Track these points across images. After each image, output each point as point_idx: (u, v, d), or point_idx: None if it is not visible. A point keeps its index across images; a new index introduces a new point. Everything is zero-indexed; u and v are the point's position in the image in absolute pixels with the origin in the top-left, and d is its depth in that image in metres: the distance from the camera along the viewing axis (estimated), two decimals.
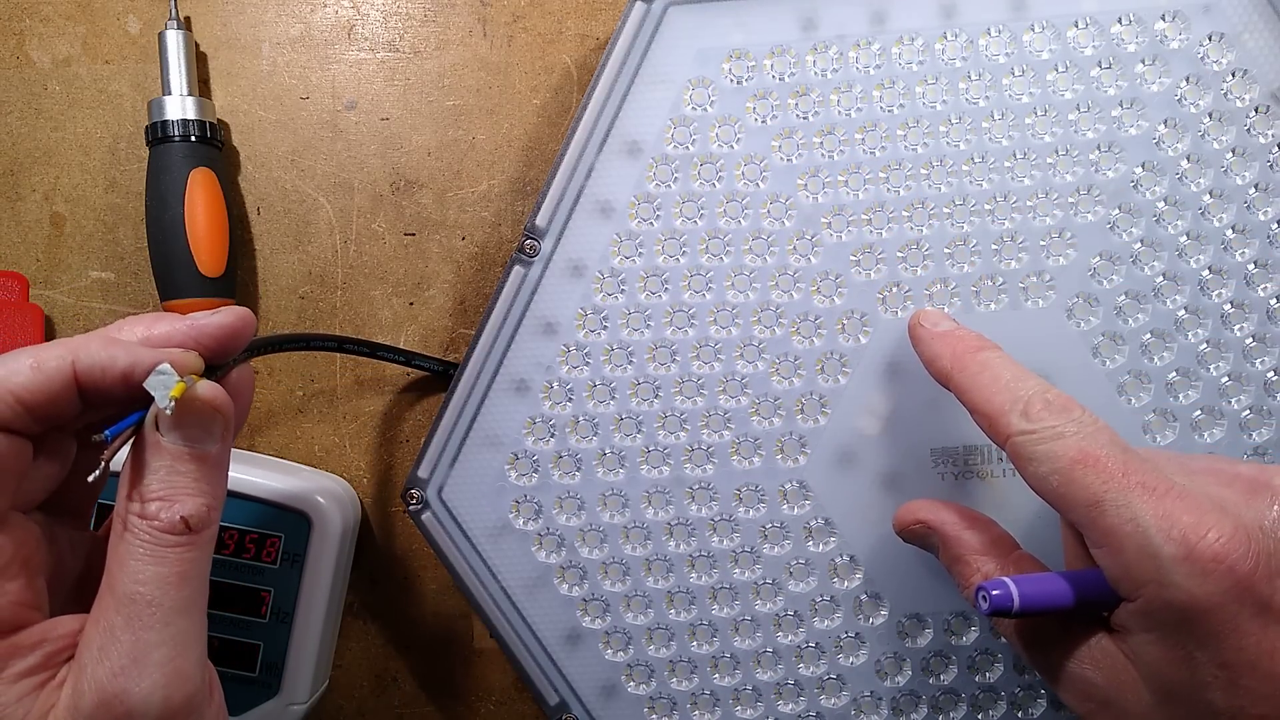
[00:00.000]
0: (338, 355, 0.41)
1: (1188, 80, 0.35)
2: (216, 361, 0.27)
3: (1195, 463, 0.28)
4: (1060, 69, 0.35)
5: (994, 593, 0.28)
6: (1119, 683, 0.27)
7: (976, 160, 0.36)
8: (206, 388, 0.25)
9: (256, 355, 0.30)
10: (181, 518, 0.24)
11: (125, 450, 0.25)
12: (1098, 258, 0.36)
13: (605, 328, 0.37)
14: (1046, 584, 0.28)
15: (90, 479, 0.23)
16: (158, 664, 0.23)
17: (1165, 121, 0.35)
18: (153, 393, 0.24)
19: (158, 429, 0.25)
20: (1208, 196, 0.35)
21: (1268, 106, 0.35)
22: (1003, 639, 0.37)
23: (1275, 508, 0.26)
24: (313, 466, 0.41)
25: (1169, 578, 0.24)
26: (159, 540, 0.24)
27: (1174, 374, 0.36)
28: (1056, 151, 0.36)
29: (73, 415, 0.25)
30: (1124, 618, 0.27)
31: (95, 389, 0.24)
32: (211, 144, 0.39)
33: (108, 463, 0.24)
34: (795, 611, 0.37)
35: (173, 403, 0.24)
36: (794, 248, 0.36)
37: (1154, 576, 0.25)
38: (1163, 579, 0.25)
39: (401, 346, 0.40)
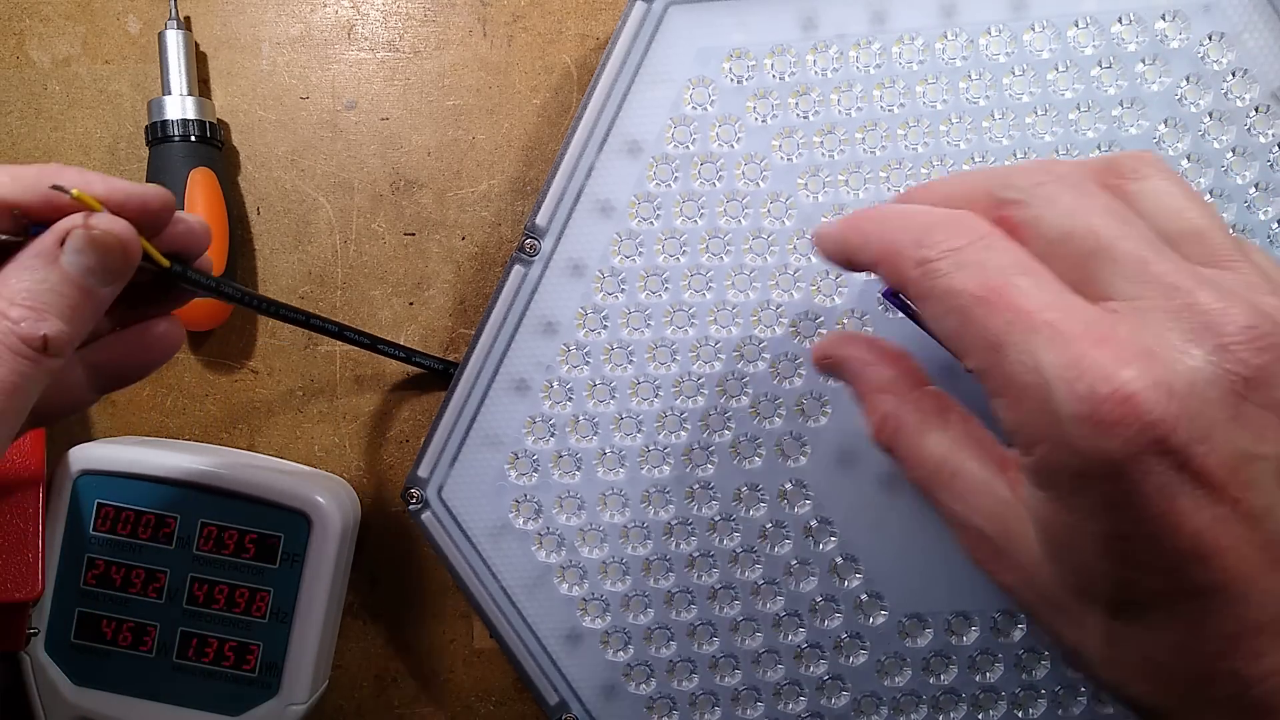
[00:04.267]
0: (338, 355, 0.41)
1: (1188, 80, 0.35)
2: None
3: (1160, 260, 0.22)
4: (1060, 68, 0.35)
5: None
6: (1010, 533, 0.23)
7: (977, 160, 0.36)
8: (115, 222, 0.25)
9: (259, 313, 0.30)
10: (44, 335, 0.24)
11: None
12: None
13: (605, 327, 0.37)
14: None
15: None
16: None
17: (1165, 121, 0.35)
18: (68, 190, 0.24)
19: (62, 245, 0.24)
20: (1208, 196, 0.35)
21: (1268, 106, 0.35)
22: (1001, 640, 0.37)
23: (1218, 353, 0.20)
24: (313, 466, 0.41)
25: (1066, 437, 0.20)
26: (11, 345, 0.23)
27: None
28: (1057, 151, 0.36)
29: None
30: (1019, 469, 0.23)
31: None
32: (211, 144, 0.39)
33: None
34: (795, 611, 0.37)
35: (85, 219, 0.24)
36: (794, 247, 0.36)
37: (1050, 434, 0.21)
38: (1059, 438, 0.21)
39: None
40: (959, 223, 0.23)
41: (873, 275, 0.33)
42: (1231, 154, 0.35)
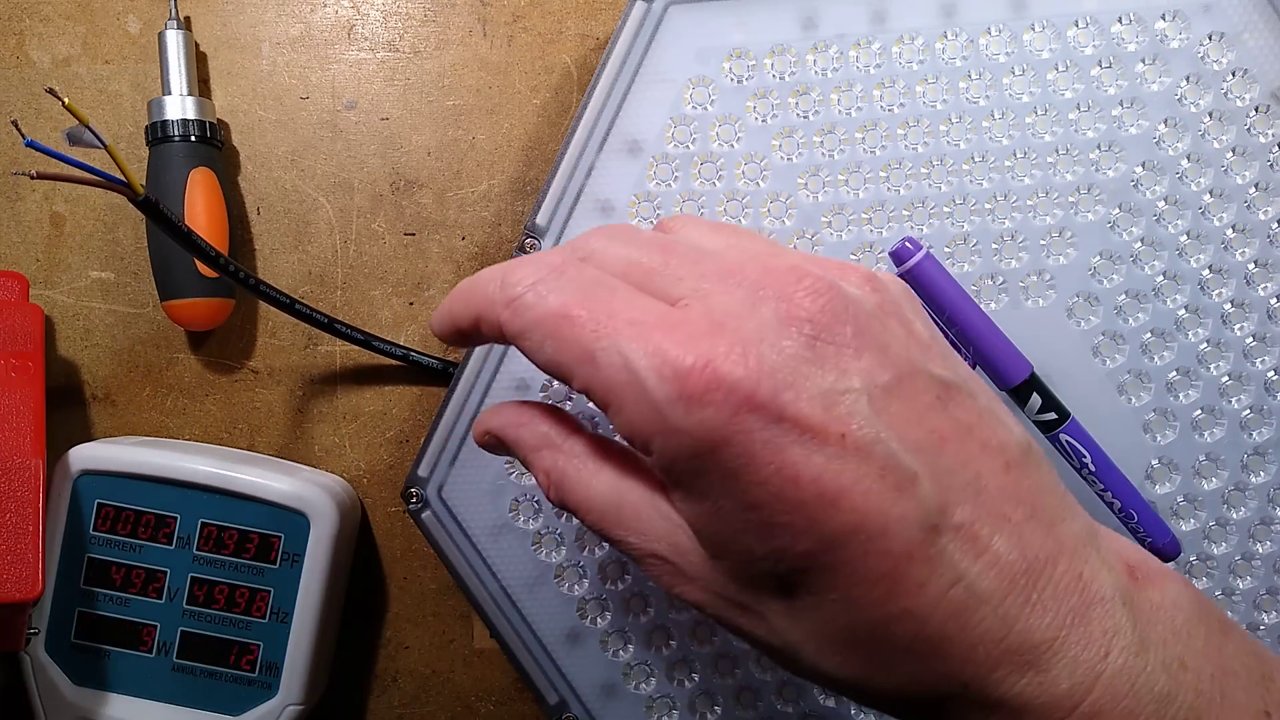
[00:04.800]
0: (338, 355, 0.41)
1: (1188, 80, 0.35)
2: None
3: (703, 264, 0.23)
4: (1060, 68, 0.36)
5: None
6: (680, 548, 0.23)
7: (977, 159, 0.36)
8: None
9: (260, 298, 0.30)
10: None
11: None
12: (1098, 257, 0.36)
13: None
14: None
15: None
16: None
17: (1165, 121, 0.35)
18: (62, 98, 0.27)
19: None
20: (1208, 196, 0.35)
21: (1268, 106, 0.35)
22: None
23: (777, 308, 0.22)
24: (313, 466, 0.41)
25: (669, 423, 0.21)
26: None
27: (1174, 373, 0.36)
28: (1057, 151, 0.36)
29: None
30: (659, 477, 0.23)
31: None
32: (211, 144, 0.39)
33: None
34: None
35: None
36: (794, 246, 0.36)
37: (657, 426, 0.21)
38: (665, 426, 0.21)
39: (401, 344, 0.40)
40: (535, 260, 0.24)
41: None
42: (1231, 154, 0.35)
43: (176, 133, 0.38)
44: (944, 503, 0.21)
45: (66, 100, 0.27)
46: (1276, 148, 0.35)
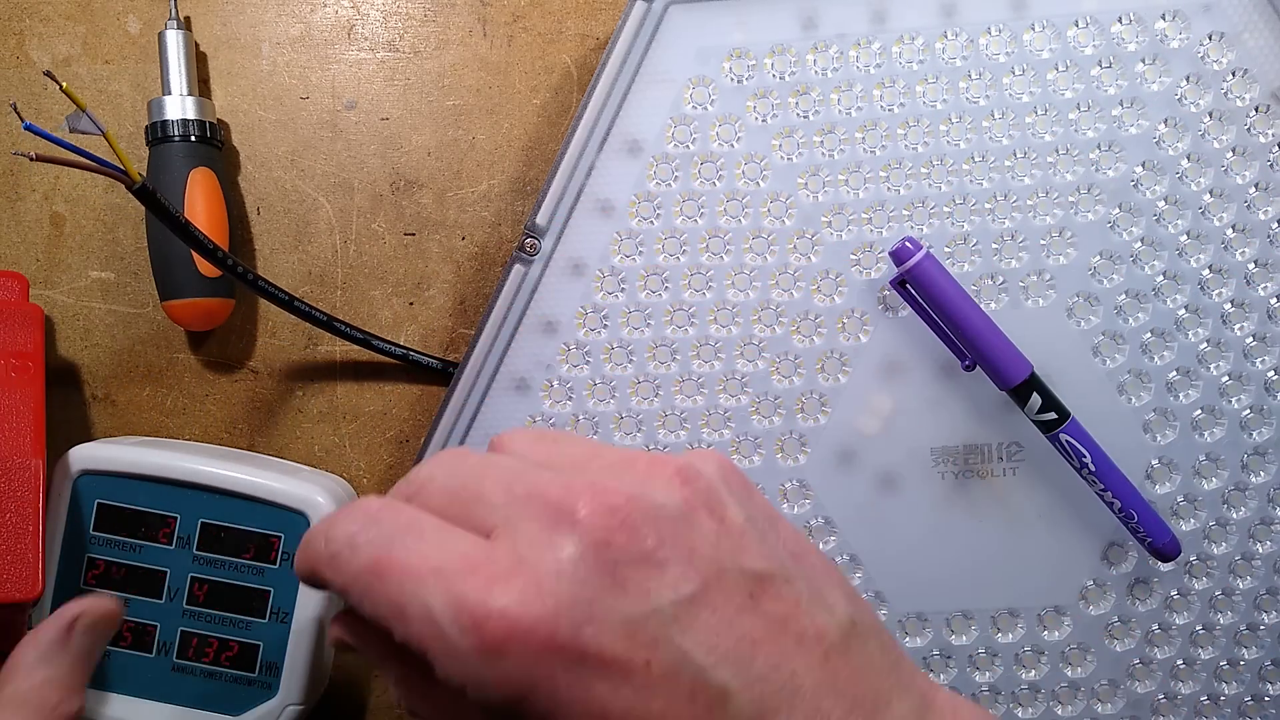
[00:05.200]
0: (338, 355, 0.41)
1: (1188, 79, 0.35)
2: None
3: (515, 484, 0.23)
4: (1060, 68, 0.36)
5: None
6: None
7: (977, 159, 0.36)
8: (105, 602, 0.31)
9: (256, 293, 0.31)
10: (76, 709, 0.30)
11: None
12: (1098, 257, 0.36)
13: (605, 326, 0.37)
14: None
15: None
16: None
17: (1165, 121, 0.35)
18: (60, 82, 0.29)
19: (71, 630, 0.30)
20: (1208, 195, 0.35)
21: (1268, 106, 0.35)
22: (1001, 639, 0.37)
23: (578, 534, 0.21)
24: (313, 466, 0.41)
25: (476, 675, 0.20)
26: None
27: (1174, 373, 0.36)
28: (1057, 150, 0.36)
29: None
30: None
31: None
32: (211, 144, 0.39)
33: None
34: None
35: None
36: (794, 246, 0.36)
37: (466, 676, 0.20)
38: (474, 678, 0.20)
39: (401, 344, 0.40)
40: (355, 508, 0.23)
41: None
42: (1231, 154, 0.35)
43: (176, 133, 0.38)
44: (759, 713, 0.20)
45: (65, 85, 0.27)
46: (1276, 148, 0.35)
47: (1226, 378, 0.36)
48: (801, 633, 0.21)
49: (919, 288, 0.34)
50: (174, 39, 0.39)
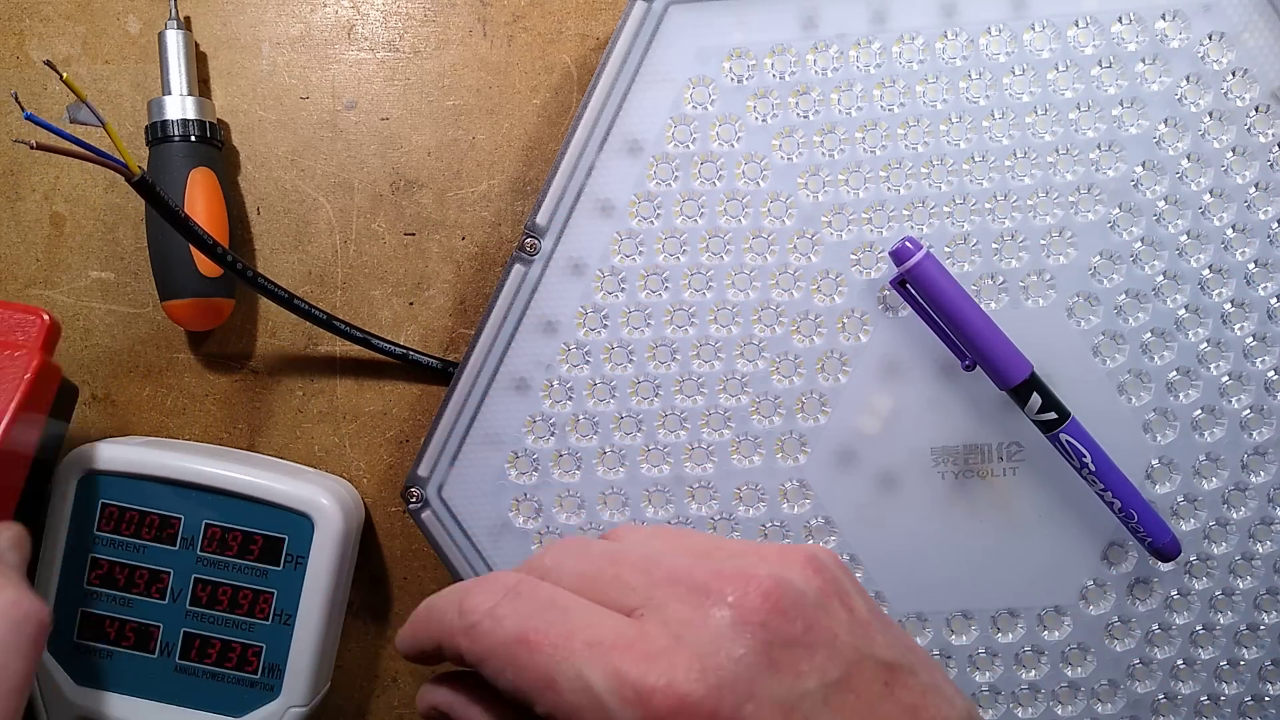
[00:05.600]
0: (338, 355, 0.41)
1: (1188, 79, 0.35)
2: None
3: (654, 571, 0.24)
4: (1060, 68, 0.35)
5: None
6: None
7: (977, 159, 0.36)
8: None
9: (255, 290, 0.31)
10: None
11: None
12: (1098, 257, 0.36)
13: (605, 326, 0.37)
14: None
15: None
16: None
17: (1165, 120, 0.35)
18: (60, 72, 0.29)
19: None
20: (1208, 195, 0.35)
21: (1268, 106, 0.35)
22: (1001, 639, 0.37)
23: (731, 614, 0.22)
24: (312, 466, 0.41)
25: None
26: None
27: (1174, 373, 0.36)
28: (1057, 150, 0.36)
29: None
30: None
31: None
32: (211, 144, 0.39)
33: None
34: None
35: None
36: (794, 246, 0.36)
37: None
38: None
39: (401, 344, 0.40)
40: (490, 581, 0.24)
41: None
42: (1231, 154, 0.35)
43: (176, 133, 0.38)
44: None
45: (65, 75, 0.27)
46: (1276, 148, 0.35)
47: (1226, 378, 0.36)
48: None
49: (919, 288, 0.34)
50: (174, 39, 0.39)
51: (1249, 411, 0.36)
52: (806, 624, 0.22)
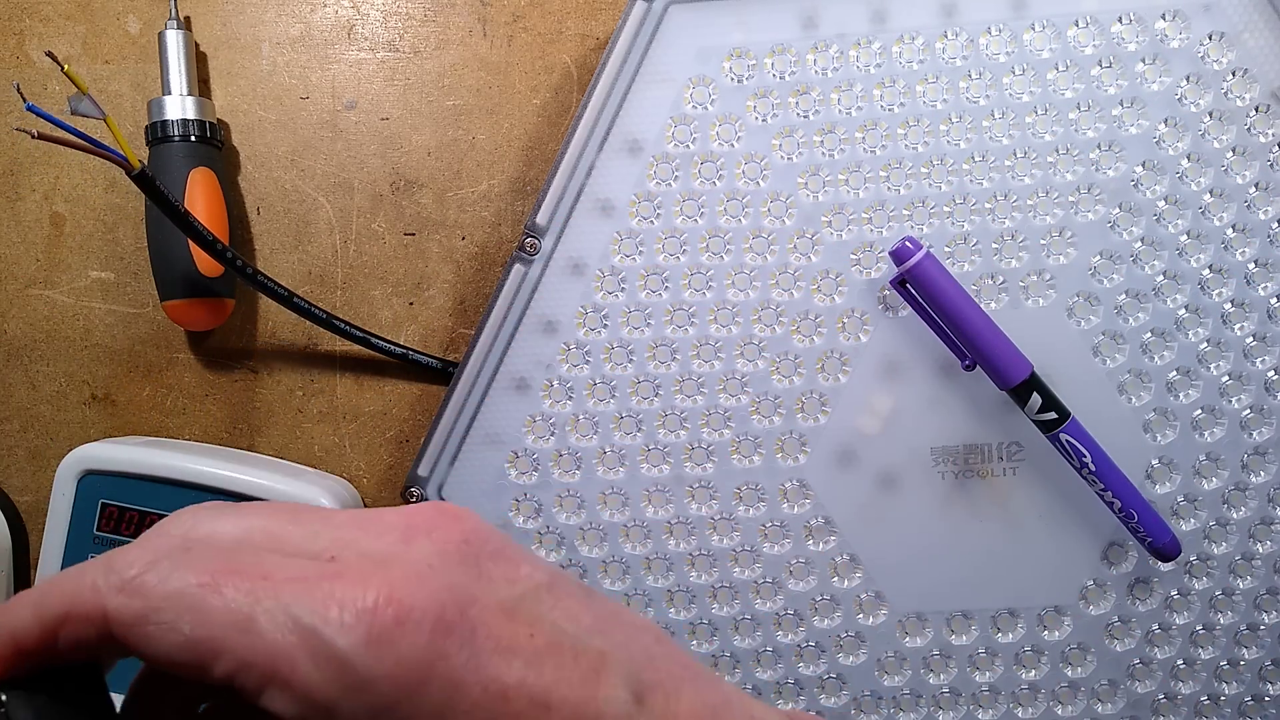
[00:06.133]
0: (338, 355, 0.41)
1: (1188, 79, 0.35)
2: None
3: (333, 519, 0.22)
4: (1060, 68, 0.35)
5: None
6: None
7: (977, 159, 0.36)
8: None
9: (254, 288, 0.31)
10: None
11: None
12: (1098, 256, 0.36)
13: (605, 326, 0.37)
14: None
15: None
16: None
17: (1165, 120, 0.35)
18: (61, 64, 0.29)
19: None
20: (1208, 195, 0.35)
21: (1268, 106, 0.35)
22: (1001, 639, 0.37)
23: (431, 539, 0.21)
24: (312, 466, 0.41)
25: (360, 673, 0.19)
26: None
27: (1174, 373, 0.36)
28: (1057, 150, 0.36)
29: None
30: None
31: None
32: (211, 144, 0.39)
33: None
34: (795, 610, 0.37)
35: None
36: (794, 246, 0.36)
37: (344, 682, 0.19)
38: (354, 679, 0.19)
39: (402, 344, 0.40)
40: (144, 542, 0.21)
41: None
42: (1231, 154, 0.35)
43: (176, 133, 0.38)
44: (634, 670, 0.21)
45: (66, 67, 0.27)
46: (1276, 148, 0.35)
47: (1226, 378, 0.36)
48: (633, 621, 0.23)
49: (919, 287, 0.34)
50: (174, 39, 0.39)
51: (1249, 411, 0.36)
52: (501, 541, 0.22)
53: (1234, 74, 0.35)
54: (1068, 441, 0.34)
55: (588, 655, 0.21)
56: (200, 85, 0.40)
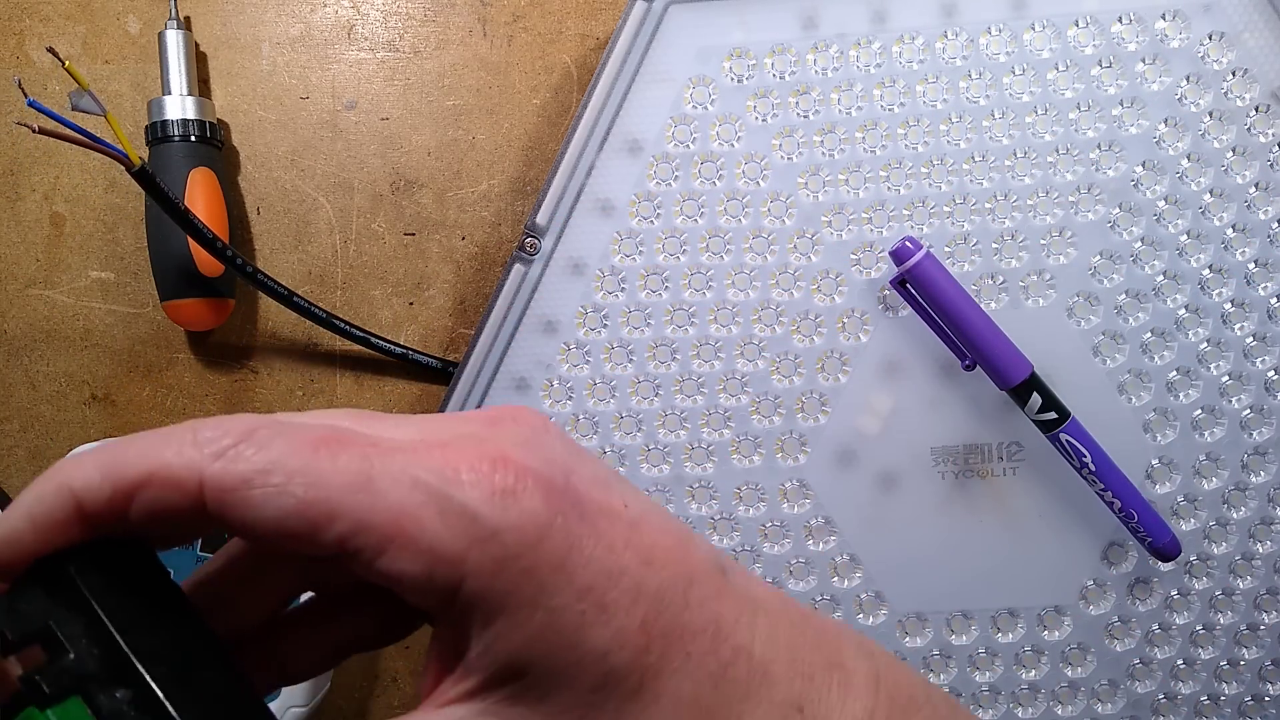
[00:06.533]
0: (337, 355, 0.41)
1: (1188, 79, 0.35)
2: None
3: (412, 418, 0.22)
4: (1061, 68, 0.36)
5: None
6: None
7: (977, 159, 0.36)
8: None
9: (254, 286, 0.31)
10: None
11: None
12: (1098, 256, 0.36)
13: (605, 326, 0.37)
14: None
15: None
16: None
17: (1165, 120, 0.35)
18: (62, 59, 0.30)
19: None
20: (1208, 195, 0.35)
21: (1268, 106, 0.35)
22: (1001, 639, 0.37)
23: (514, 424, 0.21)
24: None
25: (488, 525, 0.19)
26: None
27: (1174, 373, 0.36)
28: (1057, 150, 0.36)
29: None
30: (472, 657, 0.19)
31: None
32: (211, 144, 0.39)
33: None
34: None
35: None
36: (794, 246, 0.36)
37: (472, 536, 0.18)
38: (482, 532, 0.19)
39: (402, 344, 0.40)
40: (223, 420, 0.20)
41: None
42: (1232, 153, 0.35)
43: (176, 133, 0.38)
44: (714, 553, 0.22)
45: (67, 63, 0.27)
46: (1276, 148, 0.35)
47: (1226, 378, 0.36)
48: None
49: (919, 287, 0.34)
50: (174, 39, 0.39)
51: (1249, 411, 0.36)
52: (567, 437, 0.23)
53: (1234, 74, 0.35)
54: (1068, 441, 0.34)
55: (676, 527, 0.22)
56: (200, 85, 0.40)
